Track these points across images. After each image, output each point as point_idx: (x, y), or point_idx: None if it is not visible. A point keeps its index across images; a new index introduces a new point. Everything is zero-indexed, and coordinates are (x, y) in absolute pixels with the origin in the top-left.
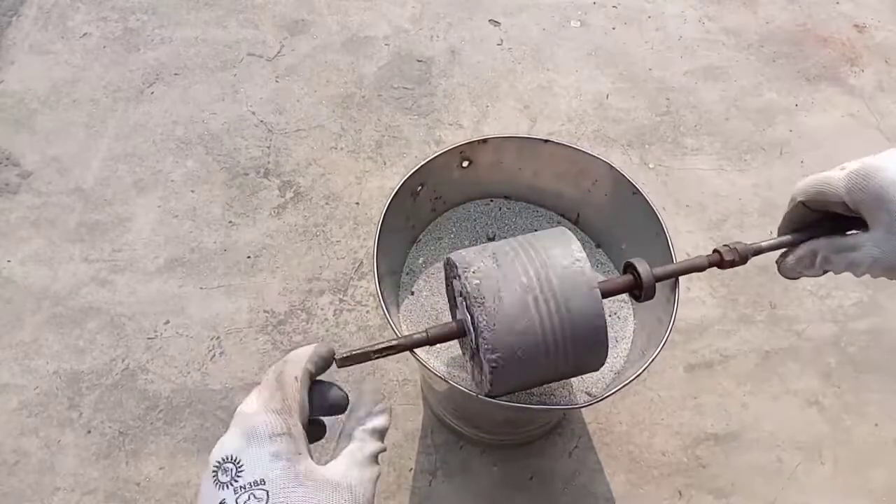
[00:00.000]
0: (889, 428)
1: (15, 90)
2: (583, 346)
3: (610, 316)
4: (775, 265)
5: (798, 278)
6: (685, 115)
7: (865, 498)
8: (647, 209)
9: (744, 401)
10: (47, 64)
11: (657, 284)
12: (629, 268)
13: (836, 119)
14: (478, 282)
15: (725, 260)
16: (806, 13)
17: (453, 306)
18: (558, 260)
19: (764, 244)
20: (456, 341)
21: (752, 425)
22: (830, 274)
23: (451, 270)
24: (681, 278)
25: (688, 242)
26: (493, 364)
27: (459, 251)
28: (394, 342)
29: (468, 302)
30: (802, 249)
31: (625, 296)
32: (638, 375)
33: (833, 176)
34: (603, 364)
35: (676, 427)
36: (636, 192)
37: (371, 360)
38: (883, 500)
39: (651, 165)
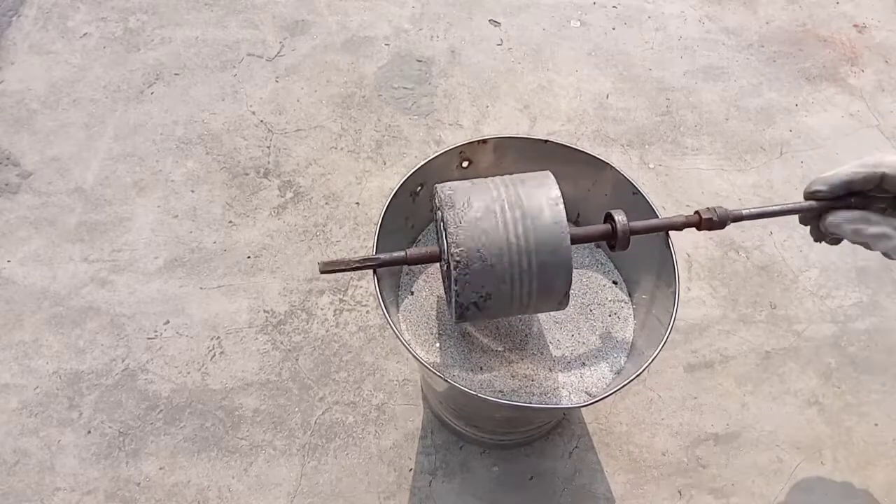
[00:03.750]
0: (889, 428)
1: (15, 90)
2: (546, 257)
3: (610, 316)
4: (775, 263)
5: (822, 240)
6: (685, 115)
7: (865, 498)
8: (647, 209)
9: (744, 401)
10: (47, 64)
11: (660, 283)
12: (608, 218)
13: (837, 119)
14: (451, 192)
15: (703, 220)
16: (806, 13)
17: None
18: (529, 184)
19: (744, 211)
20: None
21: (753, 425)
22: (830, 274)
23: (434, 199)
24: (681, 278)
25: (688, 242)
26: (458, 258)
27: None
28: (375, 256)
29: (442, 211)
30: (856, 214)
31: (625, 296)
32: (638, 375)
33: None
34: (568, 285)
35: (676, 427)
36: (636, 192)
37: (352, 269)
38: (883, 500)
39: (651, 165)
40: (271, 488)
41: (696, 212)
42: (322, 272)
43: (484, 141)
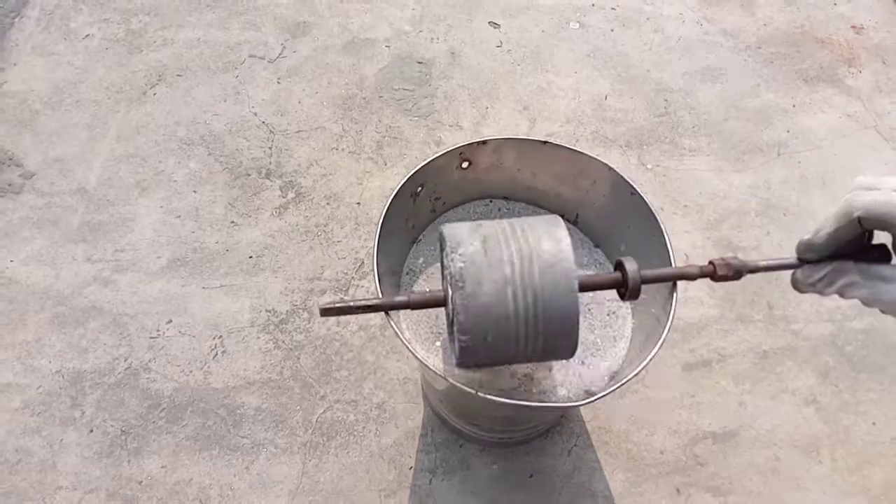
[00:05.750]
0: (886, 426)
1: (18, 91)
2: (554, 338)
3: (608, 315)
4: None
5: (806, 293)
6: (683, 116)
7: (863, 496)
8: (645, 210)
9: (742, 400)
10: (50, 65)
11: (659, 284)
12: (619, 266)
13: (834, 120)
14: (462, 265)
15: (718, 274)
16: (804, 15)
17: (443, 276)
18: (544, 250)
19: (761, 263)
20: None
21: (750, 424)
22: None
23: (442, 244)
24: None
25: (686, 243)
26: (463, 344)
27: (453, 225)
28: (376, 301)
29: (450, 282)
30: (827, 268)
31: None
32: (636, 374)
33: None
34: (573, 355)
35: (674, 426)
36: (634, 192)
37: (352, 314)
38: (880, 499)
39: (649, 166)
40: (273, 486)
41: (711, 262)
42: (322, 315)
43: (484, 142)
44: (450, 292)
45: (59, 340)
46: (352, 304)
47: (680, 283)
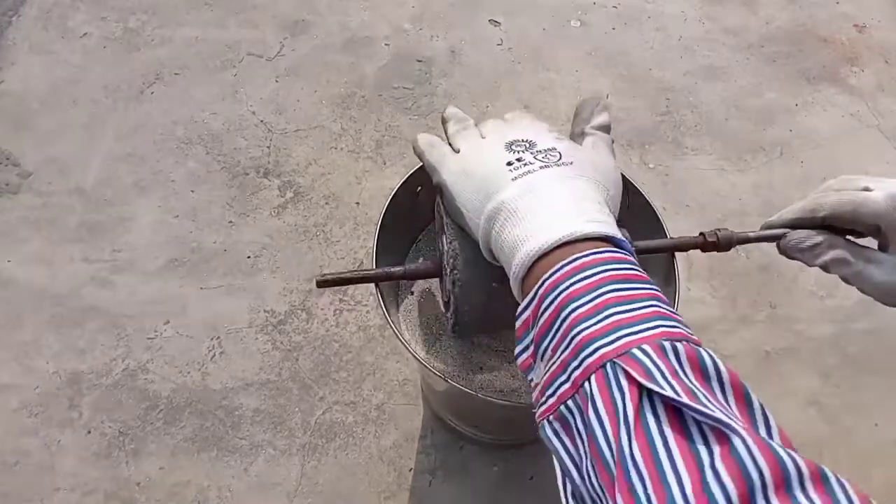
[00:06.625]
0: (889, 428)
1: (15, 90)
2: None
3: None
4: (775, 263)
5: (792, 258)
6: (685, 116)
7: None
8: (647, 209)
9: None
10: (47, 64)
11: (660, 283)
12: None
13: (836, 119)
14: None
15: (708, 242)
16: (806, 13)
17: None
18: None
19: (751, 234)
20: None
21: None
22: (832, 275)
23: (437, 207)
24: (681, 278)
25: None
26: (458, 300)
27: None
28: (372, 272)
29: (442, 210)
30: (821, 237)
31: None
32: None
33: (871, 197)
34: None
35: None
36: (636, 192)
37: (349, 284)
38: (883, 500)
39: (651, 165)
40: (271, 488)
41: (701, 233)
42: (318, 286)
43: None
44: (444, 244)
45: (56, 341)
46: (348, 274)
47: (682, 284)
